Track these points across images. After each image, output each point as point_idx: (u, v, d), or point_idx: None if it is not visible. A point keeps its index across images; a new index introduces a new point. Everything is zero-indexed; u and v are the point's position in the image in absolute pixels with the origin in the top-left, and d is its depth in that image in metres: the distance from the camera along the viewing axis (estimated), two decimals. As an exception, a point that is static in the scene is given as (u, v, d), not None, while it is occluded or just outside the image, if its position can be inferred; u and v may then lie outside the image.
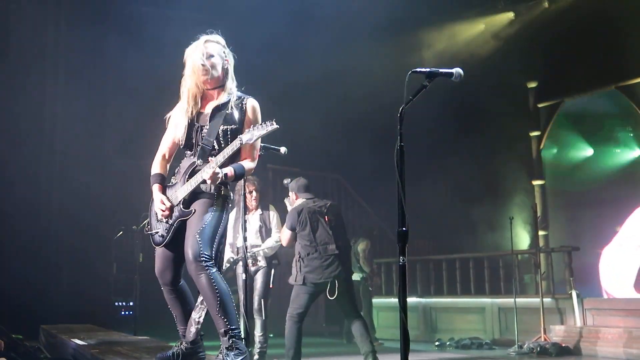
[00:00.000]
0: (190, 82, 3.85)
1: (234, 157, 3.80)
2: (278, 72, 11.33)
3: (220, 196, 3.82)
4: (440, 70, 3.12)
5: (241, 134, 3.73)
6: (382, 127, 10.23)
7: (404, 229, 2.95)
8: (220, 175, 3.67)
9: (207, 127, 3.83)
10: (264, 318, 6.82)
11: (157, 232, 3.95)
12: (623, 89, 11.04)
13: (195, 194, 3.83)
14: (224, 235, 3.85)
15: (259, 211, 7.01)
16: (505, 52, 12.03)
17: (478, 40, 12.65)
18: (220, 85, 3.88)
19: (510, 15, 12.30)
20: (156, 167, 4.03)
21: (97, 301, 9.92)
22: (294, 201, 6.42)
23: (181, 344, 4.01)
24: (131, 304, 9.92)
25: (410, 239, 3.00)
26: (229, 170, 3.74)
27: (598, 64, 10.87)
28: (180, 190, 3.86)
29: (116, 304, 10.34)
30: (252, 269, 6.76)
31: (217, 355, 3.69)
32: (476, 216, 12.09)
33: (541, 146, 12.31)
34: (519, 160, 12.33)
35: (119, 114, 10.22)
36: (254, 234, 6.85)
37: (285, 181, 5.84)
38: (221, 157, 3.69)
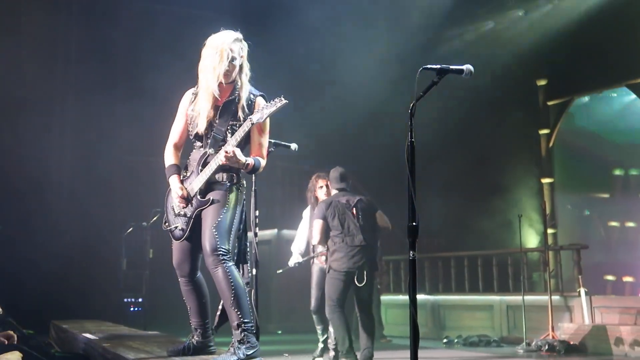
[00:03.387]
0: (211, 76, 3.84)
1: (243, 151, 3.85)
2: (288, 68, 11.36)
3: (234, 185, 3.87)
4: (451, 67, 3.14)
5: (250, 133, 3.79)
6: (392, 125, 10.30)
7: (414, 223, 2.98)
8: (238, 158, 3.69)
9: (218, 120, 3.88)
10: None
11: (176, 227, 3.98)
12: (633, 87, 11.03)
13: (210, 186, 3.87)
14: (241, 226, 3.90)
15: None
16: (514, 49, 12.01)
17: (488, 37, 12.64)
18: (233, 80, 3.91)
19: (520, 12, 12.28)
20: (170, 158, 4.06)
21: (106, 297, 9.98)
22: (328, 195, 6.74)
23: (192, 337, 4.06)
24: (140, 300, 9.99)
25: (419, 236, 3.04)
26: (251, 160, 3.80)
27: (608, 61, 10.85)
28: (196, 181, 3.89)
29: (125, 300, 10.40)
30: (325, 266, 6.64)
31: (229, 349, 3.73)
32: (485, 214, 12.09)
33: (550, 144, 12.31)
34: (529, 158, 12.33)
35: (130, 109, 10.26)
36: None
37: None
38: (234, 140, 3.73)
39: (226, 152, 3.67)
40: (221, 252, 3.71)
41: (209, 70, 3.86)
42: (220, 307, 3.95)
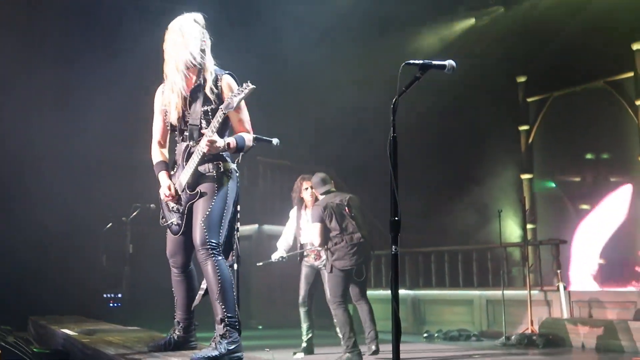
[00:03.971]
0: (172, 67, 3.86)
1: (223, 133, 3.84)
2: (269, 65, 11.33)
3: (222, 174, 3.84)
4: (433, 62, 3.15)
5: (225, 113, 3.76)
6: (373, 120, 10.31)
7: (396, 218, 2.99)
8: (218, 144, 3.68)
9: (190, 109, 3.87)
10: None
11: (172, 222, 3.97)
12: (611, 84, 11.16)
13: (198, 178, 3.85)
14: (232, 218, 3.89)
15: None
16: (495, 46, 12.08)
17: (468, 34, 12.70)
18: (196, 65, 3.87)
19: (500, 9, 12.35)
20: (156, 155, 4.07)
21: (86, 293, 9.89)
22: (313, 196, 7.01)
23: (174, 331, 4.04)
24: (120, 295, 9.93)
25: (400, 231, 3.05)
26: (231, 140, 3.78)
27: (587, 58, 10.95)
28: (183, 175, 3.88)
29: (105, 295, 10.33)
30: (316, 263, 7.17)
31: (210, 344, 3.72)
32: (465, 209, 12.16)
33: (530, 140, 12.40)
34: (508, 154, 12.42)
35: (110, 102, 10.16)
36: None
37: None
38: (210, 131, 3.71)
39: (208, 141, 3.66)
40: (210, 246, 3.71)
41: (169, 61, 3.88)
42: (203, 286, 3.95)
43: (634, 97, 10.86)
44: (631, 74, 10.92)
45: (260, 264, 7.76)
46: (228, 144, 3.74)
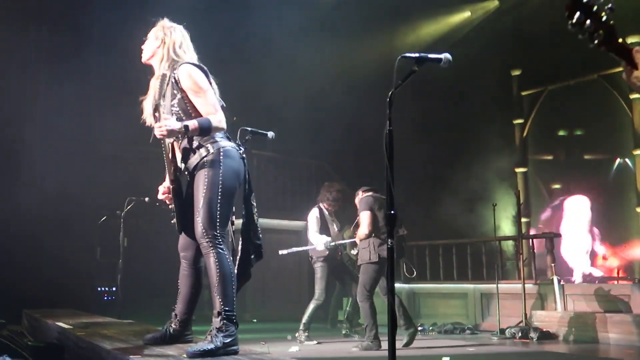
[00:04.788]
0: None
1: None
2: (263, 57, 11.31)
3: (205, 162, 3.80)
4: (430, 55, 3.15)
5: (187, 102, 3.82)
6: (368, 114, 10.28)
7: (392, 212, 2.99)
8: (171, 127, 3.65)
9: (163, 108, 3.90)
10: None
11: (173, 220, 4.01)
12: (606, 78, 11.18)
13: (192, 171, 3.88)
14: (227, 202, 3.81)
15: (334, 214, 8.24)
16: (489, 39, 12.08)
17: (463, 27, 12.71)
18: (158, 64, 3.99)
19: (495, 2, 12.36)
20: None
21: (80, 286, 9.87)
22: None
23: (171, 324, 4.03)
24: (114, 289, 9.91)
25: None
26: (192, 123, 3.71)
27: (581, 52, 10.92)
28: (167, 173, 3.92)
29: (99, 289, 10.33)
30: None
31: (206, 337, 3.72)
32: (459, 202, 12.19)
33: (524, 134, 12.43)
34: (503, 147, 12.44)
35: (106, 97, 10.13)
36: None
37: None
38: (164, 116, 3.75)
39: (157, 127, 3.68)
40: (208, 239, 3.72)
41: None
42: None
43: (628, 91, 10.90)
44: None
45: (285, 252, 8.13)
46: (186, 126, 3.67)
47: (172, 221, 4.02)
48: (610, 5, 2.19)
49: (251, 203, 4.06)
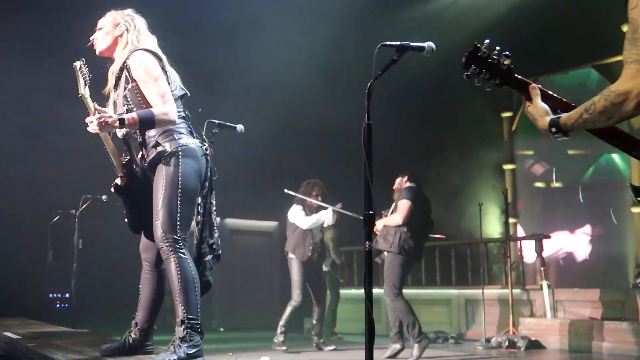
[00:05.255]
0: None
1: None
2: (235, 51, 11.27)
3: (164, 160, 3.81)
4: (412, 43, 3.16)
5: (137, 92, 3.83)
6: (344, 106, 10.31)
7: (370, 212, 3.00)
8: (106, 119, 3.62)
9: (116, 103, 3.96)
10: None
11: (126, 219, 4.02)
12: (599, 68, 11.33)
13: (150, 171, 3.90)
14: (188, 204, 3.83)
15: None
16: (476, 26, 12.13)
17: (448, 12, 12.74)
18: (112, 53, 4.03)
19: (478, -13, 12.39)
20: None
21: (30, 292, 9.78)
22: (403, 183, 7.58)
23: (130, 334, 4.02)
24: (67, 295, 9.83)
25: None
26: (129, 115, 3.69)
27: (574, 41, 11.09)
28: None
29: (51, 295, 10.23)
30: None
31: (168, 347, 3.71)
32: (443, 202, 12.25)
33: (513, 128, 12.53)
34: (490, 142, 12.53)
35: (57, 86, 10.02)
36: (320, 232, 8.27)
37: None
38: (98, 108, 3.80)
39: (88, 121, 3.68)
40: (168, 243, 3.72)
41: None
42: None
43: (624, 83, 11.05)
44: (620, 57, 11.02)
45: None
46: (121, 119, 3.64)
47: (126, 220, 4.02)
48: (506, 52, 2.58)
49: (210, 202, 4.06)
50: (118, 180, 3.93)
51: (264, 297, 11.76)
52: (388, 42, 3.13)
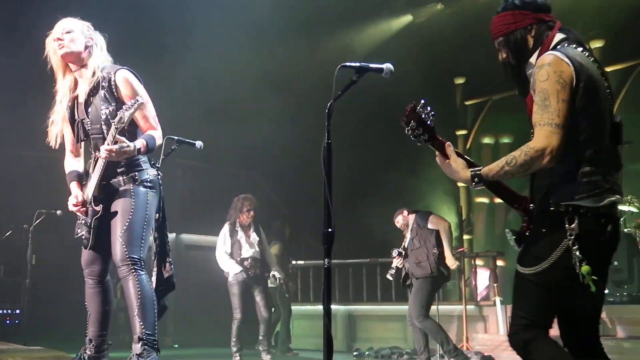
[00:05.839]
0: (54, 61, 3.98)
1: (135, 131, 3.89)
2: (190, 60, 11.25)
3: (139, 185, 3.88)
4: (371, 65, 3.22)
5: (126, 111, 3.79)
6: (304, 122, 10.37)
7: (330, 230, 3.04)
8: (125, 149, 3.67)
9: (87, 119, 3.93)
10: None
11: (82, 235, 3.99)
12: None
13: (112, 192, 3.90)
14: (148, 231, 3.93)
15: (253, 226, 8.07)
16: (432, 45, 12.30)
17: (405, 32, 12.88)
18: (84, 63, 3.95)
19: (438, 6, 12.57)
20: (68, 166, 4.12)
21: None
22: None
23: (85, 351, 3.99)
24: (18, 311, 9.65)
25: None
26: (140, 142, 3.78)
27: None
28: (89, 187, 3.93)
29: (1, 311, 10.02)
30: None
31: (125, 364, 3.71)
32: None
33: (467, 146, 12.72)
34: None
35: (6, 95, 9.87)
36: (255, 247, 8.01)
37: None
38: (109, 140, 3.72)
39: (106, 150, 3.67)
40: (131, 262, 3.78)
41: (52, 64, 4.03)
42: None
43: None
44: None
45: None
46: (139, 149, 3.77)
47: (78, 234, 4.01)
48: (432, 112, 3.04)
49: (165, 233, 4.17)
50: (78, 193, 3.94)
51: (219, 313, 11.64)
52: (348, 63, 3.19)
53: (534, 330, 2.88)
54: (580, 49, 2.76)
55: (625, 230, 8.57)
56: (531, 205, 2.86)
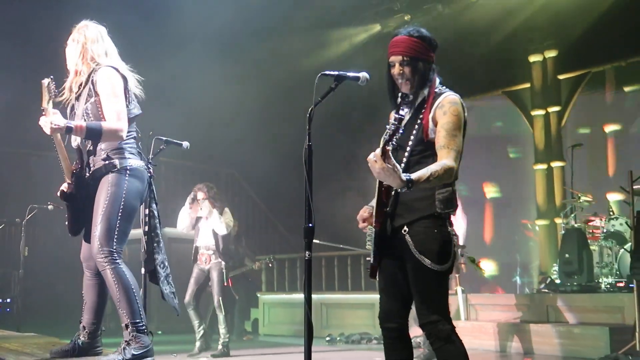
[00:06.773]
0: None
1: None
2: (170, 57, 11.20)
3: (114, 172, 3.81)
4: (348, 73, 3.30)
5: (99, 106, 3.81)
6: (284, 123, 10.39)
7: (310, 225, 3.13)
8: (56, 125, 3.64)
9: (76, 110, 3.94)
10: (224, 314, 7.64)
11: (67, 222, 3.97)
12: (509, 94, 11.79)
13: (93, 179, 3.86)
14: (126, 221, 3.82)
15: (214, 213, 7.79)
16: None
17: (376, 40, 12.93)
18: (79, 67, 3.99)
19: (406, 17, 12.65)
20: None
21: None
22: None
23: (79, 337, 4.00)
24: (8, 300, 9.59)
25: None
26: (78, 123, 3.74)
27: (488, 69, 11.51)
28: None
29: (-6, 300, 9.96)
30: (206, 267, 7.76)
31: (117, 350, 3.73)
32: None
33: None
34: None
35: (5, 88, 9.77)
36: (210, 235, 7.79)
37: None
38: (52, 111, 3.74)
39: (42, 119, 3.68)
40: (104, 255, 3.72)
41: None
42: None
43: (530, 108, 11.52)
44: (528, 84, 11.59)
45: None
46: (69, 127, 3.67)
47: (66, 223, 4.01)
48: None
49: (158, 233, 4.17)
50: (65, 187, 3.91)
51: (201, 301, 11.70)
52: (327, 72, 3.26)
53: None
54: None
55: (576, 225, 8.77)
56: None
